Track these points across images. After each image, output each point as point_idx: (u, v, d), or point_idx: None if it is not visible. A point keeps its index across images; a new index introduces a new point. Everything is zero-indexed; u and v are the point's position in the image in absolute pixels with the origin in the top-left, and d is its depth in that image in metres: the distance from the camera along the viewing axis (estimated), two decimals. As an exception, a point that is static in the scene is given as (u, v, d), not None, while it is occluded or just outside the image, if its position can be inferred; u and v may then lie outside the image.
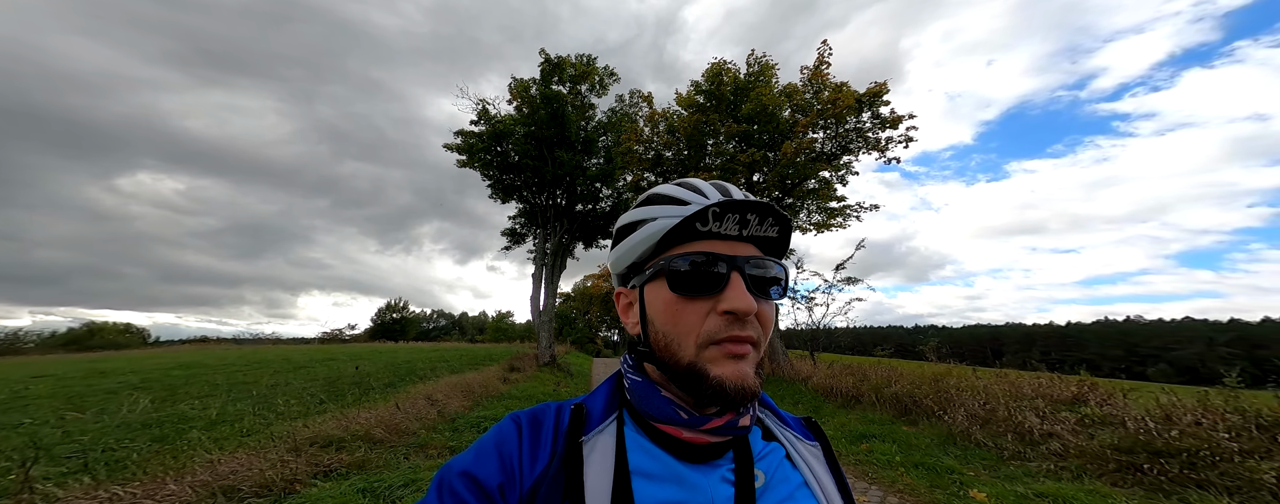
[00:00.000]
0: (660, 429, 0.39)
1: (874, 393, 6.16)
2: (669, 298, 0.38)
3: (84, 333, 51.83)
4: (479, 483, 0.36)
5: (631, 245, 0.42)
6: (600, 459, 0.37)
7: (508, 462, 0.38)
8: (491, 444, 0.39)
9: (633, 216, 0.43)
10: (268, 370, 10.53)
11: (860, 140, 9.85)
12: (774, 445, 0.43)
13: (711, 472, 0.38)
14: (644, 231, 0.40)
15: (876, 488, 3.36)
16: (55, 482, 2.52)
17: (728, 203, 0.38)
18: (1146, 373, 46.48)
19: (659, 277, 0.40)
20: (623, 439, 0.39)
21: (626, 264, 0.43)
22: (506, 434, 0.40)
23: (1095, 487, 3.11)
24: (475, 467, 0.37)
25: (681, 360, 0.37)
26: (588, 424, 0.40)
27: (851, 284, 10.35)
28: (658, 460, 0.38)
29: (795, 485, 0.40)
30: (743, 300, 0.36)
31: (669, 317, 0.38)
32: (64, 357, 23.04)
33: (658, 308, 0.39)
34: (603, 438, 0.39)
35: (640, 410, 0.40)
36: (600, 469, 0.37)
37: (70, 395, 7.02)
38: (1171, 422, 3.49)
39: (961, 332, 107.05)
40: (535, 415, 0.42)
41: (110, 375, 9.96)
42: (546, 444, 0.39)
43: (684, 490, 0.37)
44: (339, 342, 43.12)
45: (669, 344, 0.38)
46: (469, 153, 14.80)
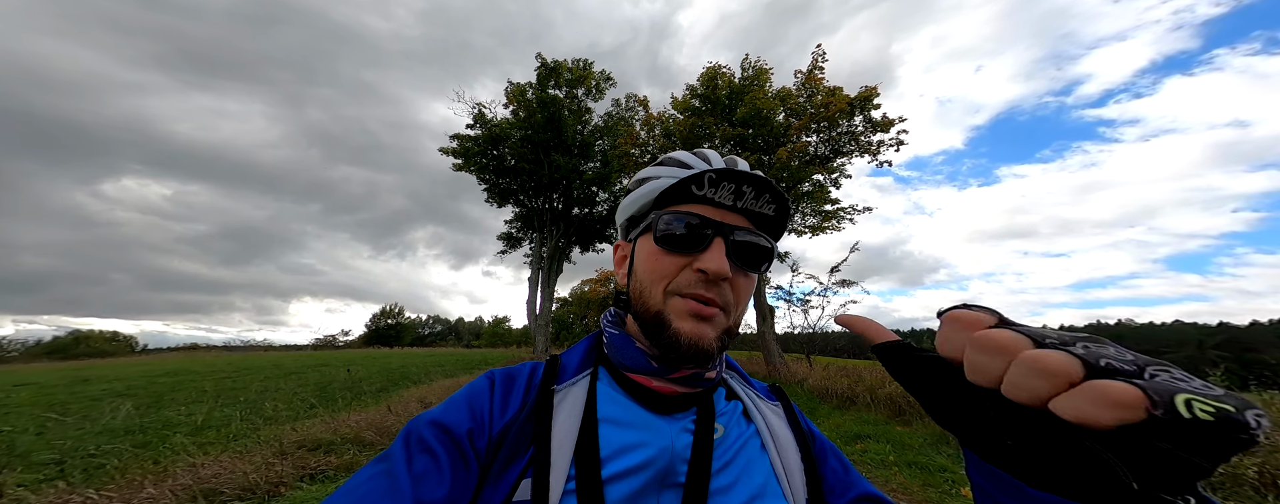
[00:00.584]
0: (632, 379, 0.42)
1: (869, 394, 6.18)
2: (653, 249, 0.42)
3: (70, 341, 50.88)
4: (447, 429, 0.37)
5: (632, 199, 0.46)
6: (571, 407, 0.39)
7: (477, 410, 0.40)
8: (463, 397, 0.41)
9: (641, 174, 0.48)
10: (258, 376, 10.36)
11: (852, 143, 9.99)
12: (735, 403, 0.46)
13: (675, 422, 0.41)
14: (645, 188, 0.45)
15: (870, 488, 3.38)
16: (29, 487, 2.46)
17: (724, 171, 0.40)
18: (1139, 375, 46.68)
19: (648, 230, 0.43)
20: (594, 390, 0.41)
21: (626, 216, 0.47)
22: (479, 388, 0.42)
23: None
24: (444, 416, 0.39)
25: (650, 307, 0.40)
26: (561, 376, 0.43)
27: (846, 287, 10.41)
28: (626, 409, 0.41)
29: (748, 435, 0.43)
30: (717, 262, 0.38)
31: (649, 266, 0.42)
32: (49, 365, 22.54)
33: (643, 258, 0.43)
34: (575, 389, 0.41)
35: (615, 361, 0.43)
36: (569, 414, 0.39)
37: (52, 403, 6.85)
38: None
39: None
40: (510, 372, 0.44)
41: (94, 383, 9.75)
42: (518, 396, 0.42)
43: (647, 434, 0.39)
44: (333, 348, 42.61)
45: (643, 291, 0.41)
46: (465, 157, 14.82)
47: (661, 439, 0.39)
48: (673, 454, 0.38)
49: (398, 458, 0.35)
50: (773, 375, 8.88)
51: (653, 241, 0.41)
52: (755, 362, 10.66)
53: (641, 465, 0.37)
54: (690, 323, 0.39)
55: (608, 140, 15.00)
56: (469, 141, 14.84)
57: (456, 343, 59.65)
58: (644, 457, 0.37)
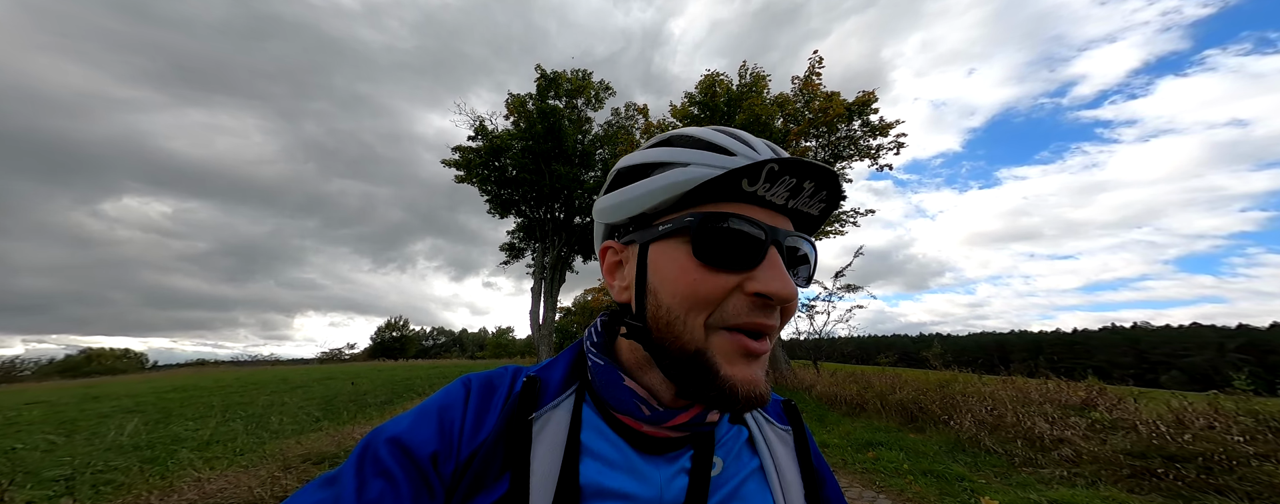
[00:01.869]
0: (623, 421, 0.35)
1: (879, 400, 6.05)
2: (688, 265, 0.31)
3: (81, 359, 51.34)
4: (409, 451, 0.31)
5: (645, 192, 0.33)
6: (551, 436, 0.33)
7: (448, 428, 0.33)
8: (434, 408, 0.35)
9: (648, 157, 0.34)
10: (264, 391, 10.37)
11: (852, 148, 10.04)
12: (739, 429, 0.39)
13: (668, 465, 0.35)
14: (667, 177, 0.32)
15: (884, 496, 3.26)
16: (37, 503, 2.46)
17: (791, 162, 0.30)
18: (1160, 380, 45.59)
19: (678, 236, 0.32)
20: (578, 415, 0.35)
21: (630, 213, 0.34)
22: (453, 399, 0.36)
23: (1111, 493, 3.01)
24: (408, 433, 0.32)
25: (687, 345, 0.30)
26: (542, 398, 0.36)
27: (852, 291, 10.31)
28: (613, 446, 0.34)
29: (750, 471, 0.37)
30: (782, 283, 0.30)
31: (684, 287, 0.30)
32: (60, 384, 22.72)
33: (669, 274, 0.31)
34: (557, 413, 0.35)
35: (599, 396, 0.36)
36: (550, 446, 0.33)
37: (62, 420, 6.90)
38: (1184, 426, 3.41)
39: (966, 339, 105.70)
40: (489, 381, 0.38)
41: (104, 400, 9.81)
42: (495, 412, 0.35)
43: (636, 481, 0.33)
44: (338, 361, 42.61)
45: (673, 322, 0.31)
46: (467, 168, 15.03)
47: (650, 489, 0.33)
48: (662, 501, 0.33)
49: (347, 483, 0.29)
50: (779, 382, 8.74)
51: (689, 254, 0.31)
52: (762, 369, 10.51)
53: None
54: (742, 367, 0.30)
55: (608, 149, 15.17)
56: (470, 153, 15.07)
57: (461, 354, 59.48)
58: None
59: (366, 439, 0.33)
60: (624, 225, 0.36)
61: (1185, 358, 63.13)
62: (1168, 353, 71.38)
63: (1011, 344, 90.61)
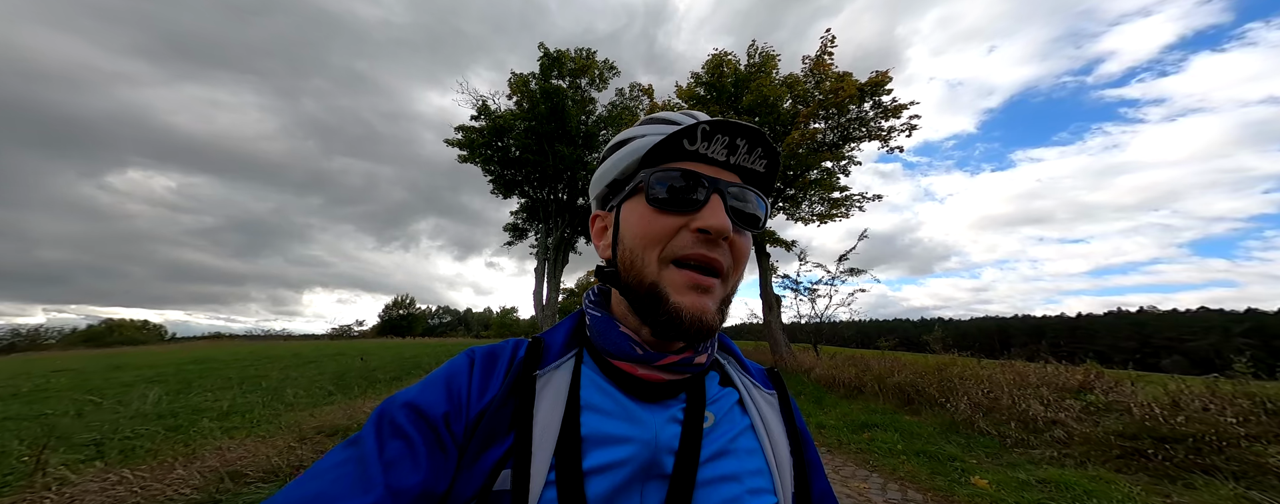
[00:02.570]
0: (616, 366, 0.39)
1: (877, 383, 6.15)
2: (644, 211, 0.37)
3: (103, 330, 53.42)
4: (422, 412, 0.35)
5: (614, 162, 0.41)
6: (553, 393, 0.37)
7: (455, 392, 0.37)
8: (441, 377, 0.39)
9: (621, 136, 0.42)
10: (278, 365, 10.76)
11: (862, 129, 9.71)
12: (729, 391, 0.43)
13: (662, 411, 0.38)
14: (629, 148, 0.40)
15: (877, 475, 3.36)
16: (70, 467, 2.63)
17: (718, 122, 0.36)
18: (1161, 364, 45.82)
19: (637, 193, 0.38)
20: (578, 375, 0.39)
21: (607, 182, 0.42)
22: (458, 367, 0.40)
23: (1099, 473, 3.08)
24: (420, 397, 0.36)
25: (645, 279, 0.36)
26: (545, 358, 0.39)
27: (855, 275, 10.28)
28: (610, 397, 0.38)
29: (742, 429, 0.40)
30: (718, 218, 0.35)
31: (640, 230, 0.37)
32: (84, 352, 23.74)
33: (631, 223, 0.38)
34: (558, 373, 0.38)
35: (598, 346, 0.40)
36: (552, 402, 0.36)
37: (89, 388, 7.25)
38: (1179, 408, 3.44)
39: (968, 324, 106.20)
40: (492, 351, 0.42)
41: (127, 369, 10.28)
42: (499, 377, 0.39)
43: (632, 425, 0.36)
44: (348, 338, 43.96)
45: (634, 261, 0.37)
46: (469, 148, 14.82)
47: (645, 431, 0.36)
48: (657, 446, 0.36)
49: (369, 443, 0.33)
50: (779, 365, 8.89)
51: (644, 203, 0.37)
52: (762, 351, 10.68)
53: (625, 459, 0.35)
54: (690, 296, 0.35)
55: (612, 130, 14.85)
56: (473, 133, 14.82)
57: (466, 333, 60.96)
58: (628, 450, 0.35)
59: (382, 406, 0.36)
60: (604, 194, 0.43)
61: (1188, 342, 63.15)
62: (1171, 337, 71.39)
63: (1013, 329, 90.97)
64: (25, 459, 2.57)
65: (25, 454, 3.14)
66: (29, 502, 2.18)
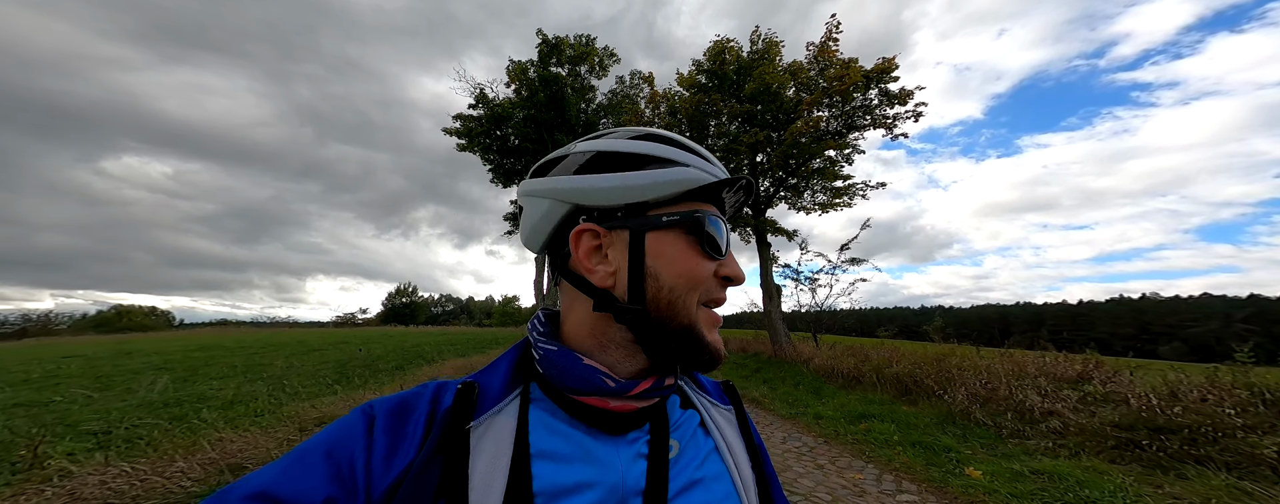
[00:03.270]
0: (580, 402, 0.35)
1: (875, 373, 6.18)
2: (692, 252, 0.35)
3: (112, 315, 54.25)
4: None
5: (649, 183, 0.35)
6: (494, 444, 0.32)
7: (346, 468, 0.30)
8: (320, 447, 0.30)
9: (636, 148, 0.36)
10: (282, 353, 10.90)
11: (867, 117, 9.49)
12: (690, 413, 0.41)
13: (626, 447, 0.35)
14: (672, 174, 0.35)
15: (872, 466, 3.39)
16: (72, 458, 2.66)
17: (747, 182, 0.37)
18: (1158, 351, 46.05)
19: (678, 228, 0.35)
20: (525, 419, 0.34)
21: (627, 200, 0.35)
22: (348, 432, 0.32)
23: (1093, 464, 3.10)
24: (279, 484, 0.28)
25: (683, 320, 0.35)
26: (480, 405, 0.34)
27: (856, 265, 10.23)
28: (566, 439, 0.34)
29: (707, 452, 0.39)
30: (738, 269, 0.37)
31: (688, 271, 0.35)
32: (94, 338, 24.15)
33: (669, 259, 0.35)
34: (500, 419, 0.34)
35: (557, 384, 0.35)
36: (493, 456, 0.31)
37: (98, 375, 7.32)
38: (1177, 398, 3.44)
39: (969, 312, 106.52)
40: (402, 402, 0.35)
41: (136, 356, 10.42)
42: (415, 435, 0.33)
43: (593, 469, 0.33)
44: (351, 326, 44.50)
45: (675, 301, 0.34)
46: (468, 137, 14.62)
47: (611, 474, 0.33)
48: (625, 490, 0.33)
49: None
50: (779, 355, 8.95)
51: (688, 241, 0.35)
52: (761, 341, 10.74)
53: None
54: (713, 334, 0.36)
55: (612, 119, 14.58)
56: (472, 121, 14.59)
57: (469, 322, 61.55)
58: (590, 497, 0.31)
59: (215, 498, 0.27)
60: (611, 211, 0.36)
61: (1188, 328, 63.27)
62: (1172, 324, 71.45)
63: (1014, 316, 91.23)
64: (22, 453, 2.61)
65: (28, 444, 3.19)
66: (31, 493, 2.21)
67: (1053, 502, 2.58)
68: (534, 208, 0.39)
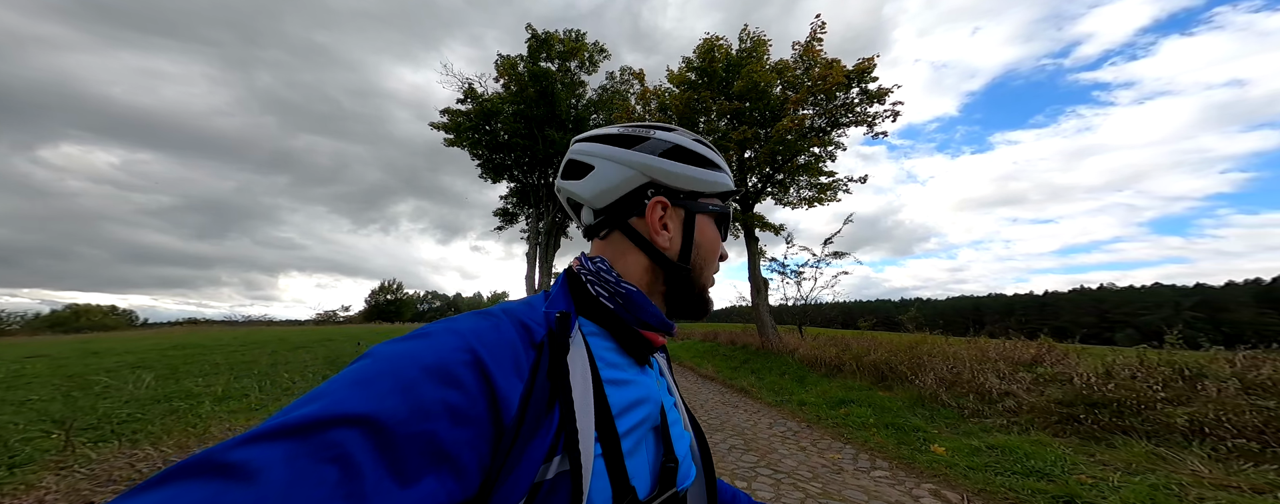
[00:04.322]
0: (639, 334, 0.43)
1: (855, 362, 6.54)
2: (717, 236, 0.50)
3: (68, 315, 51.15)
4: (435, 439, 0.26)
5: (712, 180, 0.48)
6: (579, 368, 0.36)
7: (482, 384, 0.30)
8: (442, 363, 0.30)
9: (705, 151, 0.49)
10: (266, 350, 10.62)
11: (849, 115, 9.83)
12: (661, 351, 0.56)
13: (650, 372, 0.46)
14: (718, 176, 0.49)
15: (850, 446, 3.67)
16: (88, 445, 2.69)
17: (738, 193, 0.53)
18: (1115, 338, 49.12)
19: (712, 216, 0.49)
20: (588, 347, 0.39)
21: (690, 188, 0.47)
22: (487, 344, 0.33)
23: (1039, 437, 3.48)
24: (381, 409, 0.26)
25: (706, 283, 0.49)
26: (569, 333, 0.39)
27: (839, 258, 10.64)
28: (619, 366, 0.41)
29: (667, 375, 0.54)
30: (726, 252, 0.54)
31: (714, 247, 0.49)
32: (53, 338, 22.78)
33: (708, 237, 0.48)
34: (575, 348, 0.38)
35: (631, 317, 0.42)
36: (581, 377, 0.36)
37: (70, 374, 6.92)
38: (1111, 377, 3.85)
39: (945, 304, 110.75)
40: (523, 323, 0.37)
41: (105, 355, 9.85)
42: (531, 354, 0.35)
43: (640, 388, 0.42)
44: (334, 323, 43.25)
45: (705, 267, 0.48)
46: (456, 132, 14.37)
47: (654, 392, 0.43)
48: (658, 402, 0.43)
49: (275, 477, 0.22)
50: (766, 347, 9.30)
51: (714, 227, 0.49)
52: (750, 333, 11.10)
53: (643, 419, 0.40)
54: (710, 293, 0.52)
55: (603, 114, 14.56)
56: (460, 116, 14.34)
57: (457, 317, 59.96)
58: (643, 411, 0.41)
59: (316, 412, 0.25)
60: (676, 192, 0.47)
61: (1141, 316, 67.61)
62: (1128, 312, 76.18)
63: (987, 307, 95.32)
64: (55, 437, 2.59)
65: (28, 436, 3.18)
66: (65, 477, 2.25)
67: (1003, 472, 2.85)
68: (613, 172, 0.45)
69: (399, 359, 0.29)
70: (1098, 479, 2.65)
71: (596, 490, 0.33)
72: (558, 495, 0.31)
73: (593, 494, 0.33)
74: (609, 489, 0.34)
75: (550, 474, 0.31)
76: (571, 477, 0.32)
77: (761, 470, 3.12)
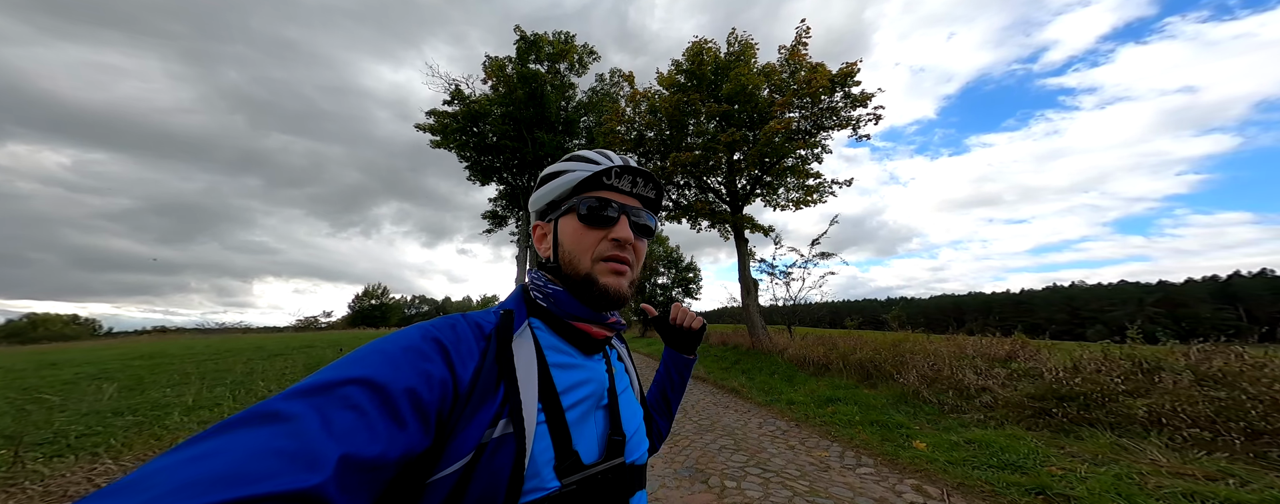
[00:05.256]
0: (576, 327, 0.52)
1: (841, 360, 6.67)
2: (577, 227, 0.52)
3: (25, 325, 48.37)
4: (383, 386, 0.35)
5: (553, 187, 0.54)
6: (524, 354, 0.46)
7: (443, 361, 0.40)
8: (414, 347, 0.40)
9: (556, 168, 0.56)
10: (240, 359, 10.22)
11: (834, 118, 10.06)
12: (619, 345, 0.65)
13: (599, 361, 0.54)
14: (564, 178, 0.54)
15: (836, 444, 3.74)
16: (41, 461, 2.53)
17: (625, 167, 0.53)
18: (1086, 334, 51.29)
19: (571, 212, 0.53)
20: (536, 339, 0.49)
21: (546, 202, 0.55)
22: (445, 334, 0.43)
23: (1014, 431, 3.61)
24: (380, 373, 0.36)
25: (580, 271, 0.51)
26: (513, 326, 0.48)
27: (826, 258, 10.84)
28: (567, 354, 0.50)
29: (621, 369, 0.60)
30: (625, 232, 0.52)
31: (575, 240, 0.52)
32: (7, 349, 21.43)
33: (567, 233, 0.53)
34: (522, 338, 0.48)
35: (560, 312, 0.52)
36: (526, 362, 0.46)
37: (24, 387, 6.55)
38: (1078, 371, 4.02)
39: (928, 303, 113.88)
40: (448, 325, 0.46)
41: (64, 367, 9.17)
42: (481, 343, 0.45)
43: (584, 372, 0.51)
44: (315, 329, 41.81)
45: (572, 260, 0.52)
46: (443, 133, 14.15)
47: (597, 375, 0.52)
48: (603, 388, 0.52)
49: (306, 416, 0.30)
50: (756, 347, 9.39)
51: (577, 220, 0.52)
52: (740, 334, 11.19)
53: (587, 395, 0.49)
54: (611, 278, 0.52)
55: (593, 117, 14.54)
56: (447, 118, 14.12)
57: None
58: (589, 389, 0.49)
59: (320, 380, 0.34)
60: (544, 210, 0.57)
61: (1109, 313, 70.84)
62: (1097, 308, 79.74)
63: (967, 305, 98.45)
64: (3, 453, 2.44)
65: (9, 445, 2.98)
66: (13, 495, 2.13)
67: (981, 465, 2.94)
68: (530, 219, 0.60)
69: (383, 343, 0.40)
70: (1067, 470, 2.77)
71: (540, 451, 0.42)
72: (503, 452, 0.40)
73: (537, 454, 0.41)
74: (551, 450, 0.42)
75: (495, 435, 0.40)
76: (515, 438, 0.40)
77: (751, 470, 3.15)
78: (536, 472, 0.40)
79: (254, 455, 0.26)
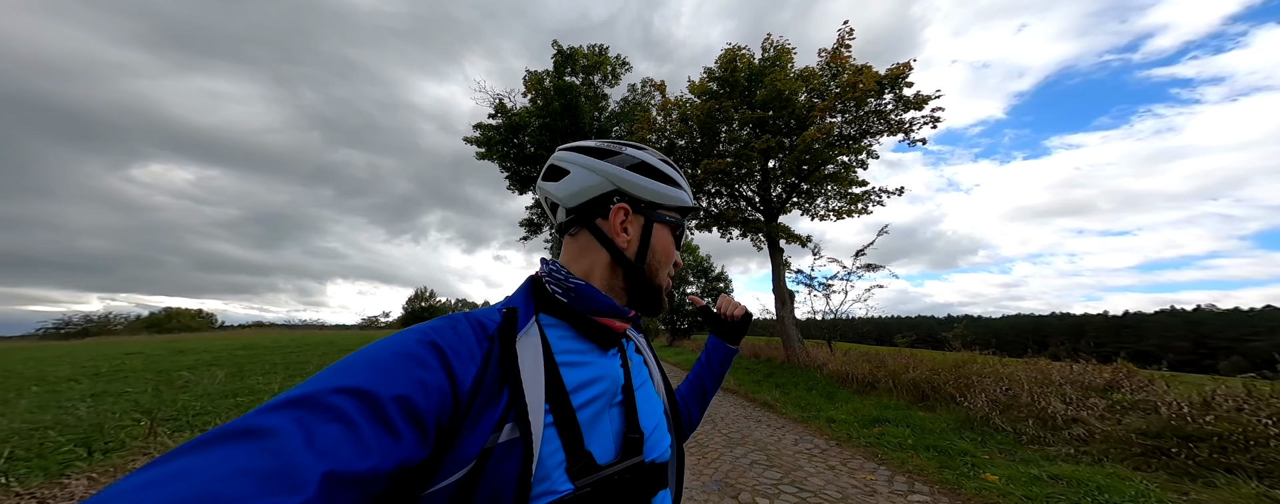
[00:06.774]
0: (598, 322, 0.49)
1: (891, 379, 6.07)
2: (671, 243, 0.57)
3: (163, 317, 58.35)
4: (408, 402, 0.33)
5: (671, 194, 0.55)
6: (531, 352, 0.43)
7: (442, 366, 0.37)
8: (409, 353, 0.37)
9: (666, 170, 0.56)
10: (317, 352, 11.60)
11: (882, 122, 9.42)
12: (636, 336, 0.63)
13: (613, 357, 0.51)
14: (675, 193, 0.56)
15: (885, 468, 3.38)
16: (167, 434, 3.05)
17: (699, 209, 0.59)
18: (1218, 367, 42.40)
19: (667, 225, 0.56)
20: (545, 335, 0.46)
21: (649, 199, 0.53)
22: (443, 338, 0.39)
23: (1116, 470, 3.03)
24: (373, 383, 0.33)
25: (659, 282, 0.55)
26: (518, 325, 0.45)
27: (871, 271, 10.06)
28: (578, 350, 0.47)
29: (640, 363, 0.58)
30: (679, 259, 0.59)
31: (667, 254, 0.56)
32: (148, 338, 26.14)
33: (663, 243, 0.55)
34: (529, 336, 0.44)
35: (582, 308, 0.48)
36: (532, 360, 0.42)
37: (159, 370, 8.02)
38: (1210, 407, 3.32)
39: (1000, 322, 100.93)
40: (448, 327, 0.42)
41: (188, 353, 11.45)
42: (484, 344, 0.42)
43: (598, 369, 0.48)
44: (376, 328, 46.13)
45: (658, 269, 0.55)
46: (487, 145, 15.24)
47: (611, 371, 0.49)
48: (616, 384, 0.49)
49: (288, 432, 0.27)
50: (791, 360, 8.87)
51: (670, 236, 0.56)
52: (773, 347, 10.64)
53: (599, 393, 0.46)
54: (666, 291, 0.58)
55: (624, 126, 14.92)
56: (491, 130, 15.22)
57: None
58: (600, 386, 0.46)
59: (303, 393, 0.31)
60: (638, 201, 0.54)
61: (1249, 343, 57.94)
62: (1231, 337, 65.68)
63: (1050, 327, 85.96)
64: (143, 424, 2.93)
65: (122, 424, 3.63)
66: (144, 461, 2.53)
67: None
68: (585, 178, 0.52)
69: (376, 349, 0.37)
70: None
71: (549, 454, 0.39)
72: (510, 458, 0.37)
73: (546, 457, 0.38)
74: (562, 454, 0.40)
75: (501, 440, 0.37)
76: (522, 442, 0.37)
77: (785, 488, 2.96)
78: (546, 475, 0.38)
79: (227, 476, 0.24)
